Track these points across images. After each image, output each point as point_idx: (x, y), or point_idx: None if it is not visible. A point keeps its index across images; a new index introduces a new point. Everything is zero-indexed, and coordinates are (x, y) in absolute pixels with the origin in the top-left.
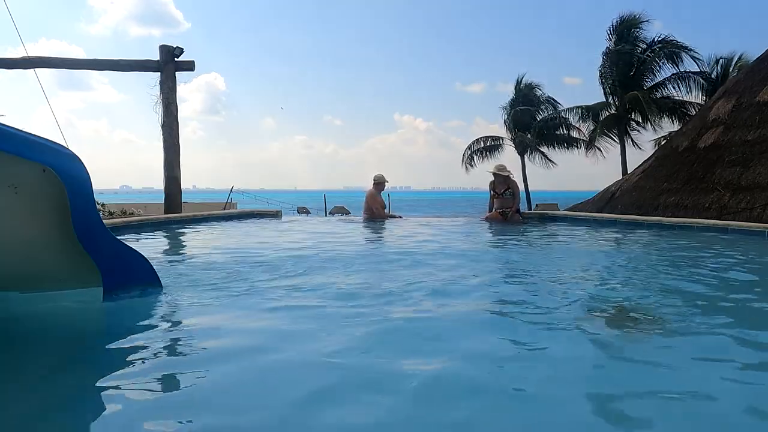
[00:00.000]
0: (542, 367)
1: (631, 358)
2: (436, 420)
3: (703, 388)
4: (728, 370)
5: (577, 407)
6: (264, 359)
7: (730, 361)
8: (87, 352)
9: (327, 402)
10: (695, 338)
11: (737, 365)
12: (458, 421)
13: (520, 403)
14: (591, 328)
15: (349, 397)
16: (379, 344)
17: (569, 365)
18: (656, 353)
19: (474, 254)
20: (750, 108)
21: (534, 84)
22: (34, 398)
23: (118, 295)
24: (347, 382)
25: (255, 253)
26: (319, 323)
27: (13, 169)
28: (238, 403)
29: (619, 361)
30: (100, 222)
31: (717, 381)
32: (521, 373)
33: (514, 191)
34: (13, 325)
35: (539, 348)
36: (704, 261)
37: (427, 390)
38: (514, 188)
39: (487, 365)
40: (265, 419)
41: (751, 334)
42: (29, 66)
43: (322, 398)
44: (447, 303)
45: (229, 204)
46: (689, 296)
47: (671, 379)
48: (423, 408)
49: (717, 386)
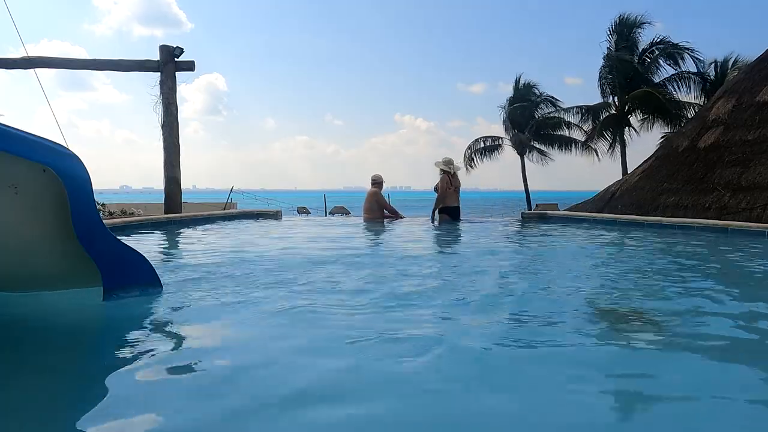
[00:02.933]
0: (541, 367)
1: (630, 358)
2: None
3: (703, 387)
4: (728, 370)
5: (577, 407)
6: (264, 359)
7: (731, 360)
8: (87, 352)
9: (327, 402)
10: (695, 338)
11: (737, 365)
12: (457, 420)
13: (518, 402)
14: (590, 328)
15: (349, 397)
16: (378, 344)
17: (568, 365)
18: (656, 353)
19: (474, 254)
20: (750, 108)
21: (533, 83)
22: (34, 398)
23: (118, 295)
24: (347, 382)
25: (255, 254)
26: (318, 323)
27: (14, 169)
28: (238, 403)
29: (617, 360)
30: (100, 222)
31: (717, 381)
32: (520, 373)
33: (457, 187)
34: (13, 324)
35: (538, 348)
36: (704, 261)
37: (425, 389)
38: (458, 184)
39: (486, 365)
40: (265, 419)
41: (751, 334)
42: (30, 66)
43: (322, 398)
44: (446, 303)
45: (229, 204)
46: (689, 296)
47: (671, 378)
48: (420, 407)
49: (717, 386)
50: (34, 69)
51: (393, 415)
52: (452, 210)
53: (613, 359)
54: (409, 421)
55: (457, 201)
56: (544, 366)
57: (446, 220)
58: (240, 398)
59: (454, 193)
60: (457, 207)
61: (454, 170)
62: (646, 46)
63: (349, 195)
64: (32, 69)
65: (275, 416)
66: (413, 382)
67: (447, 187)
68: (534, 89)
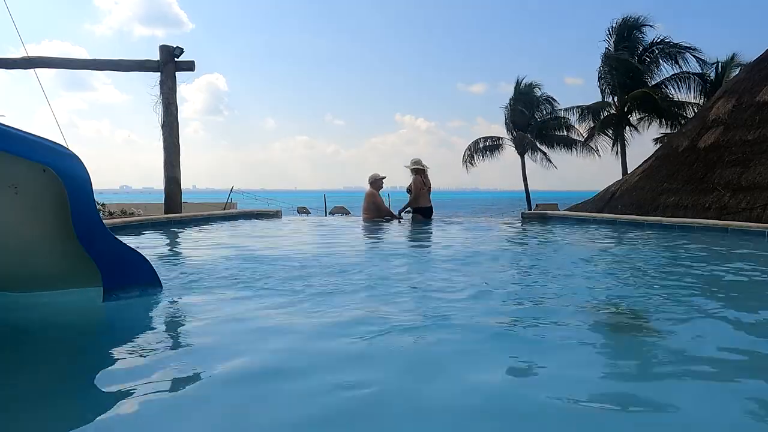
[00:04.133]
0: (538, 366)
1: (629, 358)
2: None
3: (703, 387)
4: (728, 370)
5: (574, 407)
6: (264, 359)
7: (730, 361)
8: (87, 352)
9: (326, 402)
10: (695, 338)
11: (737, 365)
12: (454, 420)
13: (513, 402)
14: (589, 328)
15: (349, 396)
16: (377, 343)
17: (565, 365)
18: (655, 353)
19: (473, 254)
20: (750, 108)
21: (534, 84)
22: (33, 398)
23: (118, 295)
24: (347, 382)
25: (254, 254)
26: (317, 323)
27: (14, 169)
28: (237, 402)
29: (616, 360)
30: (101, 222)
31: (717, 381)
32: (517, 373)
33: (429, 187)
34: (13, 324)
35: (536, 347)
36: (704, 261)
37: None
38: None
39: (484, 365)
40: (265, 419)
41: (751, 334)
42: (30, 66)
43: (322, 398)
44: (443, 303)
45: (229, 204)
46: (689, 297)
47: (670, 379)
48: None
49: (717, 386)
50: (34, 69)
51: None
52: (426, 210)
53: (612, 359)
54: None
55: (429, 201)
56: (541, 365)
57: (420, 219)
58: (240, 398)
59: (426, 193)
60: (431, 207)
61: (426, 169)
62: (646, 46)
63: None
64: (32, 69)
65: (275, 416)
66: (414, 381)
67: (421, 187)
68: (535, 89)
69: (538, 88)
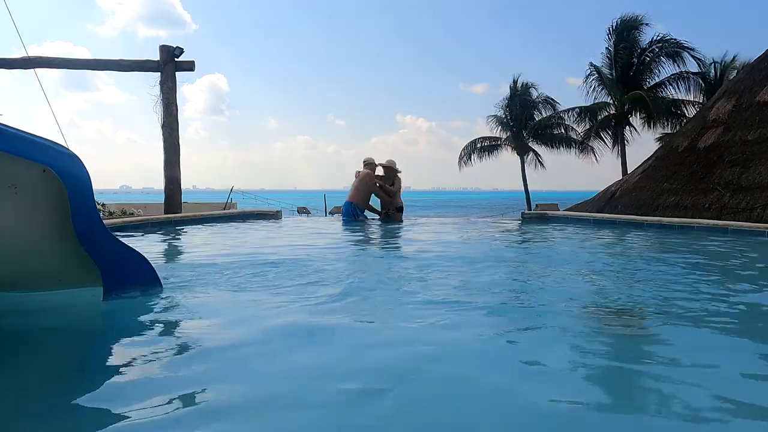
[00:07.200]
0: (537, 366)
1: (628, 358)
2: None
3: (703, 387)
4: (728, 370)
5: (573, 407)
6: (263, 359)
7: (731, 360)
8: (87, 352)
9: (326, 403)
10: (695, 339)
11: (737, 365)
12: (454, 420)
13: (512, 402)
14: (588, 328)
15: (351, 395)
16: (376, 343)
17: (563, 365)
18: (655, 354)
19: (472, 255)
20: (750, 108)
21: (530, 84)
22: (33, 398)
23: (118, 295)
24: (347, 381)
25: (254, 254)
26: (317, 323)
27: (13, 169)
28: (237, 402)
29: (616, 361)
30: (101, 222)
31: (717, 380)
32: (516, 372)
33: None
34: (13, 325)
35: (534, 347)
36: (704, 261)
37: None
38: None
39: (483, 365)
40: (265, 417)
41: (751, 334)
42: (30, 66)
43: (323, 396)
44: (444, 303)
45: (229, 204)
46: (689, 297)
47: (669, 379)
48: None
49: (717, 385)
50: (34, 69)
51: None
52: (400, 209)
53: (613, 359)
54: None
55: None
56: (540, 365)
57: (399, 218)
58: (241, 397)
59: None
60: (402, 207)
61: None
62: (646, 46)
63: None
64: (33, 69)
65: (276, 415)
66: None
67: (399, 187)
68: (531, 90)
69: (534, 89)
